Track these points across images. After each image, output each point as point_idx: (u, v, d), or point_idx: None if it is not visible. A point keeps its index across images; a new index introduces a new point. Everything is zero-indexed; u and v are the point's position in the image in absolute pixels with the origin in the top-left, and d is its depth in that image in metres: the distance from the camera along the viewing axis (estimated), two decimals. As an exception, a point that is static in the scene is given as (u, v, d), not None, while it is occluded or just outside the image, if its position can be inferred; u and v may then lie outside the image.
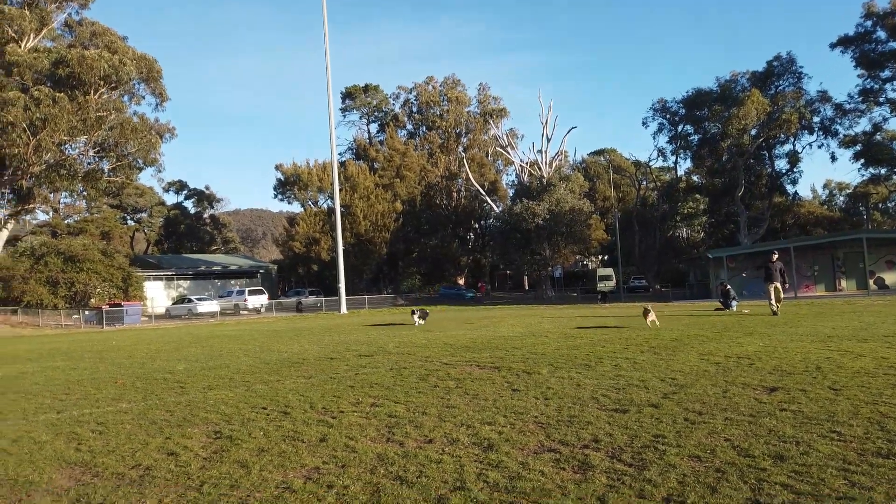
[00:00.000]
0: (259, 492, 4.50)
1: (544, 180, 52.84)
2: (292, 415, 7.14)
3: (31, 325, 35.31)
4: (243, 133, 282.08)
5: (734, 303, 23.53)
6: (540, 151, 55.58)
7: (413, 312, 23.69)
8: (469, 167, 60.97)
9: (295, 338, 19.31)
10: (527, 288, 65.46)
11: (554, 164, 55.45)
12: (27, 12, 40.28)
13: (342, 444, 5.71)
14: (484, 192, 59.48)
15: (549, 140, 55.46)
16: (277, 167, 64.97)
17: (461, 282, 64.26)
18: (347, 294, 40.98)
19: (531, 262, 53.07)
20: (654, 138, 59.83)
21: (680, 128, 58.21)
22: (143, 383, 10.33)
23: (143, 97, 46.98)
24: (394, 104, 74.56)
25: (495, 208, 58.86)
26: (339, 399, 7.99)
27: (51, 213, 61.44)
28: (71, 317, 37.24)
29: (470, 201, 65.42)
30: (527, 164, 57.10)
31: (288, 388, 9.13)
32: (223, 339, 20.82)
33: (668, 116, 57.98)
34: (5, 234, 44.70)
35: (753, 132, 52.55)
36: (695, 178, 64.09)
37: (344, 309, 39.81)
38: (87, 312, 37.35)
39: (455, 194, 66.44)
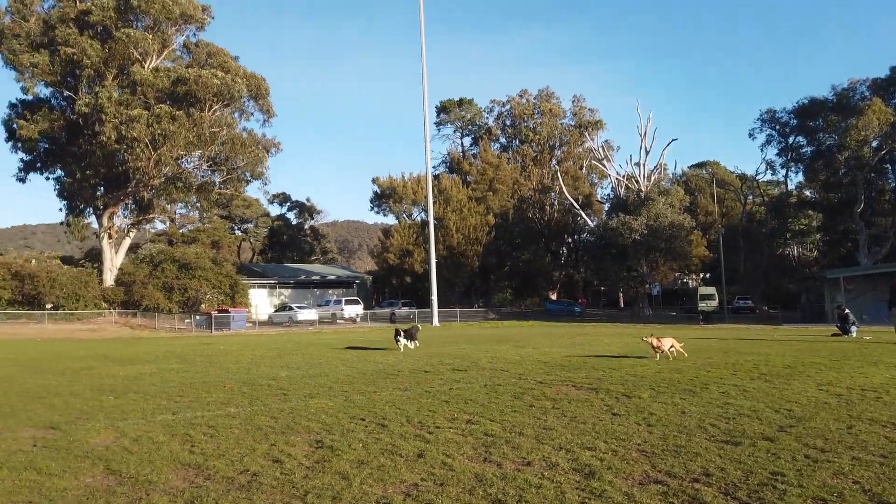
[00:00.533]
0: (360, 505, 4.56)
1: (642, 194, 51.29)
2: (389, 427, 7.22)
3: (149, 327, 37.93)
4: (342, 147, 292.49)
5: (854, 328, 21.82)
6: (637, 164, 54.13)
7: (398, 333, 18.61)
8: (563, 180, 60.21)
9: (389, 349, 19.64)
10: (622, 305, 63.60)
11: (652, 178, 53.78)
12: (150, 35, 43.66)
13: (439, 462, 5.70)
14: (578, 206, 58.53)
15: (647, 152, 53.92)
16: (374, 180, 66.85)
17: (553, 296, 63.33)
18: (439, 306, 41.38)
19: (627, 279, 51.53)
20: (761, 150, 56.52)
21: (791, 139, 54.88)
22: (249, 388, 10.80)
23: (252, 114, 49.79)
24: (487, 117, 75.02)
25: (589, 222, 57.73)
26: (435, 414, 8.02)
27: (168, 223, 65.96)
28: (183, 321, 39.72)
29: (563, 215, 64.50)
30: (623, 177, 55.71)
31: (384, 399, 9.27)
32: (321, 346, 21.50)
33: (777, 127, 54.79)
34: (128, 242, 48.47)
35: (875, 144, 48.70)
36: (807, 192, 60.18)
37: (436, 321, 40.19)
38: (197, 317, 39.72)
39: (548, 208, 65.73)
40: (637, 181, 53.43)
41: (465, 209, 57.40)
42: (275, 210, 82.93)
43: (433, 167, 70.99)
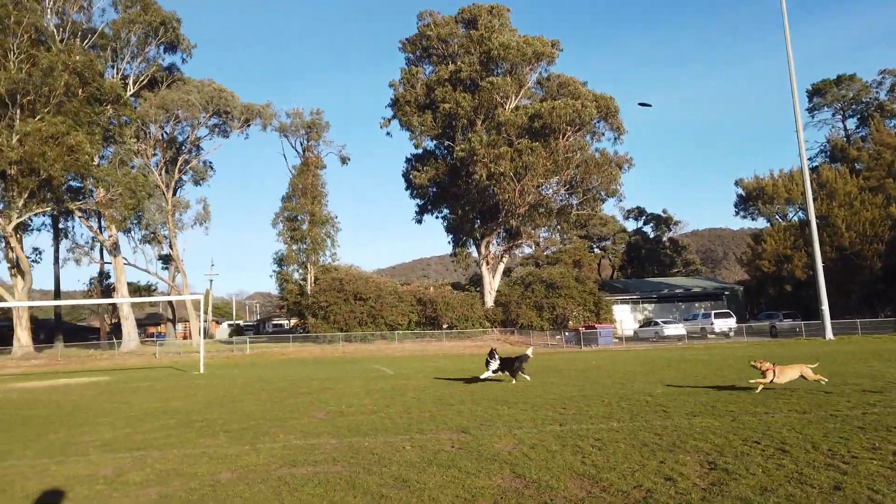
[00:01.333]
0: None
1: None
2: (792, 453, 6.47)
3: (525, 343, 41.18)
4: (697, 153, 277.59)
5: None
6: None
7: (492, 356, 15.66)
8: None
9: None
10: None
11: None
12: (508, 79, 48.34)
13: (865, 497, 4.89)
14: None
15: None
16: (737, 182, 61.68)
17: None
18: (832, 318, 35.70)
19: None
20: None
21: None
22: (627, 404, 10.86)
23: (603, 133, 50.82)
24: (877, 91, 62.91)
25: None
26: (848, 441, 6.91)
27: (533, 247, 71.14)
28: (554, 337, 42.13)
29: None
30: None
31: (780, 422, 8.35)
32: (694, 363, 20.49)
33: None
34: (502, 266, 53.74)
35: None
36: None
37: (829, 334, 34.76)
38: (566, 333, 41.70)
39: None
40: None
41: (856, 202, 48.72)
42: (631, 225, 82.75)
43: (809, 158, 62.50)
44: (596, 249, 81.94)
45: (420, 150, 54.84)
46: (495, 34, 49.15)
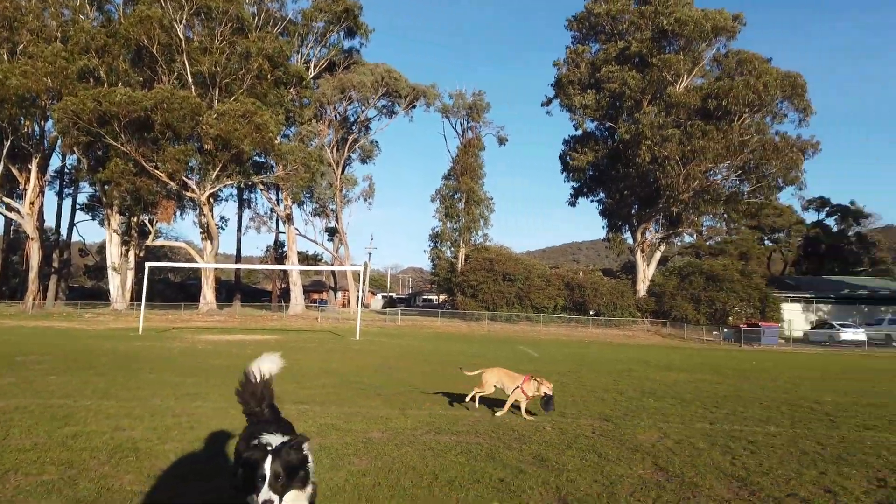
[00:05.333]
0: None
1: None
2: (985, 483, 5.73)
3: (678, 337, 39.36)
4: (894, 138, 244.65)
5: None
6: None
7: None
8: None
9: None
10: None
11: None
12: (682, 56, 45.67)
13: None
14: None
15: None
16: (946, 173, 53.69)
17: None
18: None
19: None
20: None
21: None
22: (789, 409, 10.11)
23: (786, 115, 46.44)
24: None
25: None
26: None
27: (695, 236, 67.22)
28: (711, 333, 39.76)
29: None
30: None
31: (974, 447, 7.38)
32: (873, 372, 18.47)
33: None
34: (658, 255, 51.44)
35: None
36: None
37: None
38: (725, 330, 39.17)
39: None
40: None
41: None
42: (811, 217, 75.25)
43: None
44: (767, 242, 75.64)
45: (580, 132, 53.81)
46: (670, 8, 46.56)
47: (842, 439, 7.63)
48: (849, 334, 37.21)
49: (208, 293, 47.34)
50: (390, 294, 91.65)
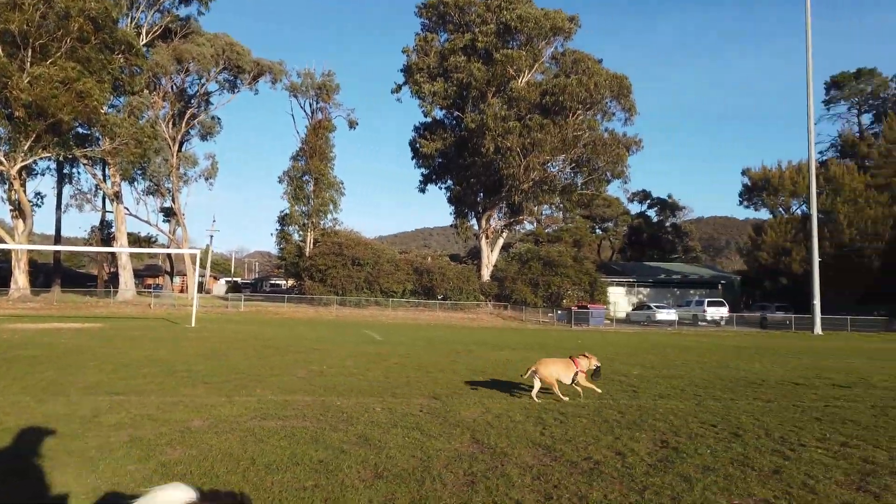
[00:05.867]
0: (700, 511, 4.40)
1: None
2: (744, 438, 6.70)
3: (517, 319, 41.59)
4: (709, 139, 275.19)
5: None
6: None
7: None
8: None
9: (756, 356, 17.96)
10: None
11: None
12: (524, 52, 47.83)
13: (799, 482, 5.11)
14: None
15: None
16: (744, 172, 61.26)
17: None
18: (824, 314, 35.90)
19: None
20: None
21: None
22: (601, 383, 11.09)
23: (614, 114, 50.34)
24: (895, 87, 62.09)
25: None
26: (801, 431, 7.14)
27: (535, 224, 71.10)
28: (547, 314, 42.46)
29: None
30: None
31: (741, 408, 8.59)
32: (678, 349, 20.76)
33: None
34: (501, 241, 53.87)
35: None
36: None
37: (818, 329, 35.01)
38: (559, 312, 42.02)
39: None
40: None
41: (860, 199, 48.56)
42: (635, 208, 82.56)
43: (820, 152, 62.13)
44: (598, 231, 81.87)
45: (429, 119, 54.55)
46: (513, 4, 48.50)
47: (639, 408, 8.53)
48: (663, 314, 41.43)
49: (20, 277, 42.36)
50: (234, 279, 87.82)
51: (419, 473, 5.17)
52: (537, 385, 9.03)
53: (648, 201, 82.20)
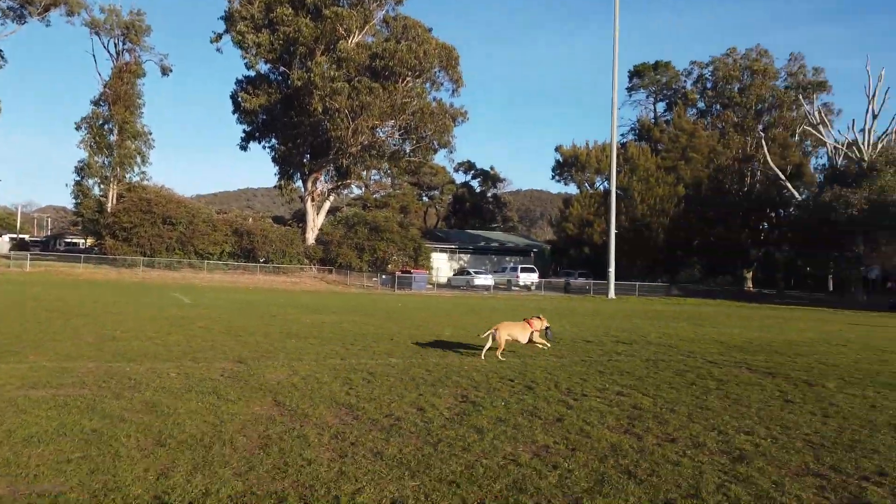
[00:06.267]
0: (487, 458, 4.61)
1: (864, 164, 44.91)
2: (536, 391, 7.19)
3: (341, 283, 41.36)
4: (529, 116, 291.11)
5: None
6: (862, 130, 47.24)
7: None
8: (768, 148, 54.46)
9: (556, 316, 19.48)
10: (830, 289, 56.64)
11: (879, 146, 46.71)
12: (354, 12, 46.58)
13: (577, 428, 5.57)
14: (784, 178, 52.72)
15: (875, 117, 46.87)
16: (557, 149, 65.77)
17: (749, 277, 58.21)
18: (619, 280, 40.05)
19: (838, 260, 45.77)
20: None
21: None
22: (415, 343, 11.35)
23: (442, 84, 50.95)
24: (685, 81, 69.86)
25: (797, 195, 51.82)
26: (585, 382, 7.83)
27: (363, 189, 70.76)
28: (371, 279, 42.70)
29: (766, 187, 58.42)
30: (842, 145, 49.04)
31: (539, 364, 9.24)
32: (492, 311, 21.92)
33: None
34: (328, 205, 52.90)
35: None
36: None
37: (612, 294, 39.00)
38: (383, 276, 42.45)
39: (748, 179, 60.03)
40: (860, 149, 46.76)
41: (652, 178, 54.46)
42: (460, 178, 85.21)
43: (622, 135, 68.29)
44: (425, 198, 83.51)
45: (253, 73, 51.30)
46: (345, -40, 47.00)
47: (446, 366, 8.83)
48: (481, 280, 43.52)
49: None
50: (21, 236, 77.52)
51: (208, 439, 4.86)
52: (488, 344, 9.77)
53: (472, 172, 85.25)
